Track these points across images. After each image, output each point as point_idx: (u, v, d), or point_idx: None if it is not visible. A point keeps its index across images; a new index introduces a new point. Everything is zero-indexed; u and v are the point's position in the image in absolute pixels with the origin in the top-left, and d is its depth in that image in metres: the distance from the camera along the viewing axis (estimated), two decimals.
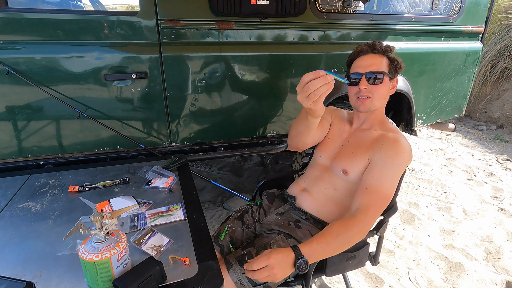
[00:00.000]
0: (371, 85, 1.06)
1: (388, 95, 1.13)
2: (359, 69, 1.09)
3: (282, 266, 0.83)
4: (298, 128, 1.09)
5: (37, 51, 1.33)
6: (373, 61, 1.08)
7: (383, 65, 1.08)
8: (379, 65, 1.07)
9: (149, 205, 1.07)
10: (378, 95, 1.07)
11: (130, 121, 1.55)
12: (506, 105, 4.06)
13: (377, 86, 1.07)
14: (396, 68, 1.10)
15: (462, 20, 2.02)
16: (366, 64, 1.08)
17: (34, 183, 1.21)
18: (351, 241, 0.92)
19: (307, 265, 0.85)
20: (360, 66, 1.09)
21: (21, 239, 0.89)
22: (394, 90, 1.14)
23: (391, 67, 1.09)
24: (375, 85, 1.06)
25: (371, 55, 1.09)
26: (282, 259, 0.84)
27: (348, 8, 1.70)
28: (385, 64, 1.08)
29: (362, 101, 1.08)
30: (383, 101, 1.11)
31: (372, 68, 1.06)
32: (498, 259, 1.76)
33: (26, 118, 1.41)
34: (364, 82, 1.06)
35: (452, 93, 2.22)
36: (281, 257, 0.84)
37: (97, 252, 0.68)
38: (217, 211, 2.16)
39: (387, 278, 1.62)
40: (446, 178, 2.69)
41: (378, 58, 1.08)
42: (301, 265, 0.84)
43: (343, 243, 0.91)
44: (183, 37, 1.50)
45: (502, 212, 2.21)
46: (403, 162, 1.00)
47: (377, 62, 1.07)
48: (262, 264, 0.83)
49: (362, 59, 1.10)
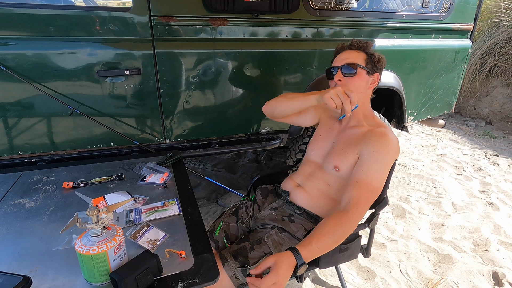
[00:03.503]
0: (346, 77, 1.11)
1: (368, 89, 1.16)
2: (336, 63, 1.16)
3: (286, 277, 0.83)
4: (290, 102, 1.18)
5: (28, 47, 1.32)
6: (349, 55, 1.14)
7: (359, 59, 1.12)
8: (355, 59, 1.12)
9: (144, 200, 1.08)
10: (354, 87, 1.09)
11: (124, 118, 1.54)
12: (494, 102, 4.15)
13: (352, 78, 1.11)
14: (375, 63, 1.13)
15: (452, 18, 2.06)
16: (342, 59, 1.14)
17: (27, 180, 1.20)
18: (344, 236, 0.94)
19: (305, 268, 0.86)
20: (337, 61, 1.16)
21: (16, 235, 0.89)
22: (375, 85, 1.17)
23: (368, 61, 1.13)
24: (349, 77, 1.11)
25: (348, 51, 1.16)
26: (287, 269, 0.83)
27: (341, 6, 1.72)
28: (362, 58, 1.13)
29: None
30: (361, 94, 1.13)
31: (347, 61, 1.12)
32: (485, 250, 1.81)
33: (17, 115, 1.39)
34: (339, 74, 1.12)
35: (442, 89, 2.26)
36: (285, 267, 0.83)
37: (93, 246, 0.68)
38: (211, 208, 2.17)
39: (379, 270, 1.66)
40: (436, 173, 2.75)
41: (354, 53, 1.14)
42: (300, 270, 0.85)
43: (338, 240, 0.93)
44: (177, 34, 1.49)
45: (489, 206, 2.27)
46: (391, 155, 1.03)
47: (352, 56, 1.13)
48: (271, 282, 0.81)
49: (340, 55, 1.17)
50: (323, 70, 1.80)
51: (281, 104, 1.21)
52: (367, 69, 1.13)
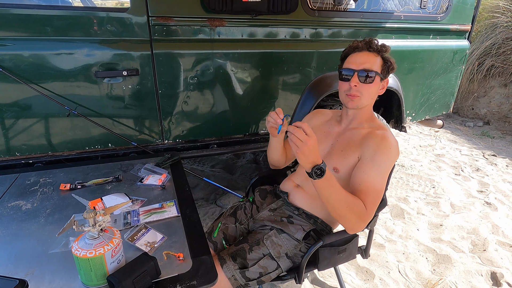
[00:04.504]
0: (362, 83, 1.06)
1: (377, 94, 1.13)
2: (352, 65, 1.08)
3: (312, 151, 0.86)
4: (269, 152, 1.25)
5: (25, 47, 1.31)
6: (368, 59, 1.07)
7: (376, 64, 1.07)
8: (373, 64, 1.06)
9: (142, 202, 1.07)
10: (367, 94, 1.08)
11: (122, 119, 1.54)
12: (492, 102, 4.16)
13: (368, 85, 1.06)
14: (389, 69, 1.09)
15: (450, 19, 2.06)
16: (360, 61, 1.07)
17: (24, 181, 1.20)
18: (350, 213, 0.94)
19: (322, 173, 0.88)
20: (353, 63, 1.08)
21: (12, 238, 0.89)
22: (384, 91, 1.14)
23: (384, 67, 1.08)
24: (366, 83, 1.06)
25: (366, 53, 1.08)
26: (315, 149, 0.87)
27: (339, 6, 1.72)
28: (379, 63, 1.07)
29: (351, 98, 1.08)
30: (371, 100, 1.12)
31: (365, 66, 1.06)
32: (483, 251, 1.82)
33: (14, 116, 1.38)
34: (355, 79, 1.06)
35: (440, 90, 2.27)
36: (315, 148, 0.87)
37: (90, 249, 0.68)
38: (210, 209, 2.16)
39: (378, 271, 1.66)
40: (435, 173, 2.76)
41: (373, 57, 1.07)
42: (319, 169, 0.87)
43: (346, 205, 0.93)
44: (175, 34, 1.49)
45: (487, 206, 2.28)
46: (391, 158, 1.02)
47: (371, 61, 1.06)
48: (310, 132, 0.86)
49: (357, 55, 1.09)
50: (321, 71, 1.80)
51: (269, 157, 1.28)
52: (381, 76, 1.08)
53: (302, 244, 1.10)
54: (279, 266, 1.06)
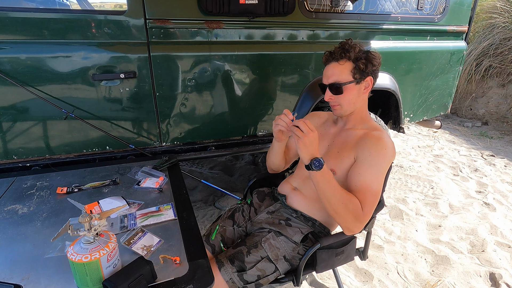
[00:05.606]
0: (335, 95, 1.07)
1: (361, 96, 1.10)
2: (324, 80, 1.11)
3: (313, 143, 0.93)
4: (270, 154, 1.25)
5: (22, 50, 1.31)
6: (333, 70, 1.07)
7: (345, 73, 1.05)
8: (340, 74, 1.05)
9: (139, 205, 1.07)
10: (345, 102, 1.08)
11: (119, 121, 1.53)
12: (490, 103, 4.17)
13: (342, 95, 1.07)
14: (363, 69, 1.05)
15: (447, 20, 2.07)
16: (328, 75, 1.09)
17: (20, 185, 1.19)
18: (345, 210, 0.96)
19: (320, 165, 0.93)
20: (324, 76, 1.11)
21: (8, 242, 0.88)
22: (369, 90, 1.11)
23: (355, 70, 1.05)
24: (338, 95, 1.07)
25: (333, 64, 1.08)
26: (316, 142, 0.94)
27: (336, 8, 1.73)
28: (347, 70, 1.05)
29: (334, 108, 1.12)
30: (354, 105, 1.10)
31: (333, 79, 1.06)
32: (482, 251, 1.82)
33: (11, 119, 1.38)
34: (328, 93, 1.09)
35: (438, 91, 2.27)
36: (316, 142, 0.94)
37: (86, 253, 0.67)
38: (208, 211, 2.16)
39: (376, 272, 1.65)
40: (433, 174, 2.76)
41: (338, 67, 1.06)
42: (318, 161, 0.92)
43: (341, 201, 0.95)
44: (172, 37, 1.49)
45: (486, 206, 2.28)
46: (387, 159, 1.03)
47: (337, 72, 1.06)
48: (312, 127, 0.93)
49: (327, 69, 1.10)
50: (319, 72, 1.80)
51: (270, 160, 1.28)
52: (355, 81, 1.06)
53: (300, 246, 1.09)
54: (277, 269, 1.05)
